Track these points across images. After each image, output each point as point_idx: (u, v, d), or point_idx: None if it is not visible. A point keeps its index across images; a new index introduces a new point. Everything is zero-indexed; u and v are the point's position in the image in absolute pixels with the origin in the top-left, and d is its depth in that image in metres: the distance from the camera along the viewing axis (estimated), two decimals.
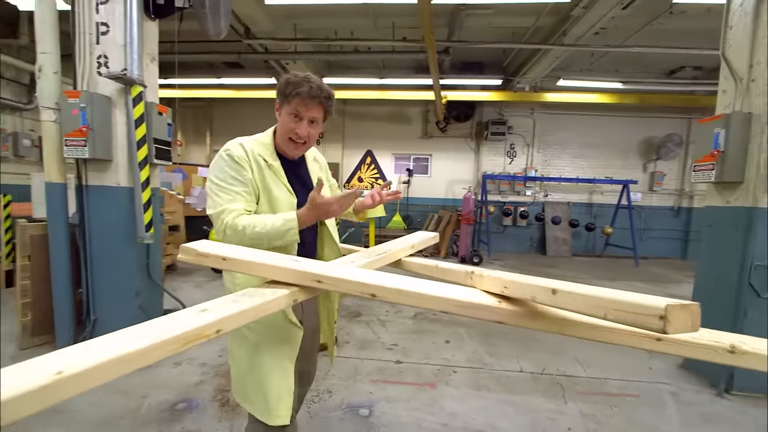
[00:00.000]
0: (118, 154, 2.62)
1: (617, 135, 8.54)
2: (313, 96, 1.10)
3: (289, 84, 1.11)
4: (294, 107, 1.11)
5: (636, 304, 0.47)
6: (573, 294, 0.56)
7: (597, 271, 6.54)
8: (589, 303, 0.53)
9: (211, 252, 0.81)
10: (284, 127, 1.15)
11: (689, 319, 0.46)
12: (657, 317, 0.44)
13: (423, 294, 0.70)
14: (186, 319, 0.61)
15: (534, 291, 0.63)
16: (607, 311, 0.50)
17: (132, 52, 2.52)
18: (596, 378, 2.55)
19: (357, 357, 2.74)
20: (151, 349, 0.54)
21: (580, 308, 0.55)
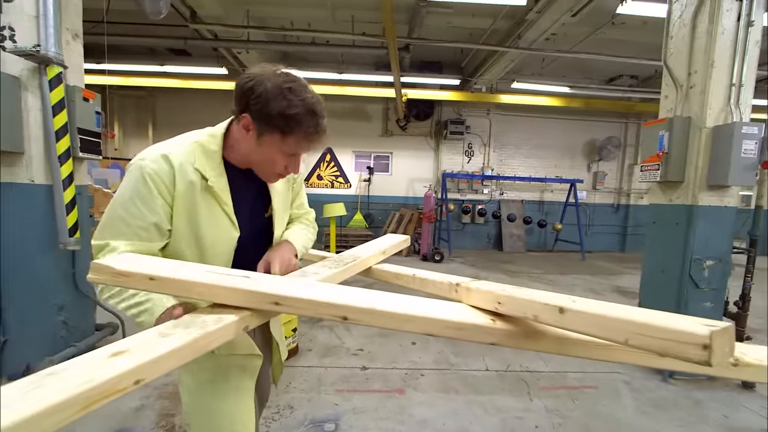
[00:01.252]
0: (32, 145, 2.23)
1: (565, 137, 9.07)
2: (319, 134, 0.85)
3: (289, 117, 0.78)
4: (292, 147, 0.83)
5: (669, 330, 0.39)
6: (585, 314, 0.47)
7: (549, 266, 6.89)
8: (606, 326, 0.45)
9: (134, 271, 0.63)
10: (269, 161, 0.85)
11: (728, 344, 0.39)
12: (700, 346, 0.37)
13: (403, 314, 0.58)
14: (90, 369, 0.45)
15: (536, 309, 0.54)
16: (630, 336, 0.42)
17: (47, 26, 2.14)
18: (557, 372, 2.62)
19: (320, 365, 2.58)
20: (21, 426, 0.37)
21: (592, 331, 0.47)
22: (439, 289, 0.76)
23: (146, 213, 0.78)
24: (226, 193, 0.87)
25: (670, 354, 0.39)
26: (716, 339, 0.37)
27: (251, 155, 0.86)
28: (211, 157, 0.85)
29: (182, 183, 0.81)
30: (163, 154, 0.81)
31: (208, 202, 0.85)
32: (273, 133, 0.81)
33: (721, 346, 0.37)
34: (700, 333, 0.37)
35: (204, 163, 0.84)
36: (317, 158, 8.81)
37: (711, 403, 2.26)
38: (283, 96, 0.78)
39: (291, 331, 2.67)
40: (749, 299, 2.52)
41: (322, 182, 8.91)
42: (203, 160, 0.84)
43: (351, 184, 8.94)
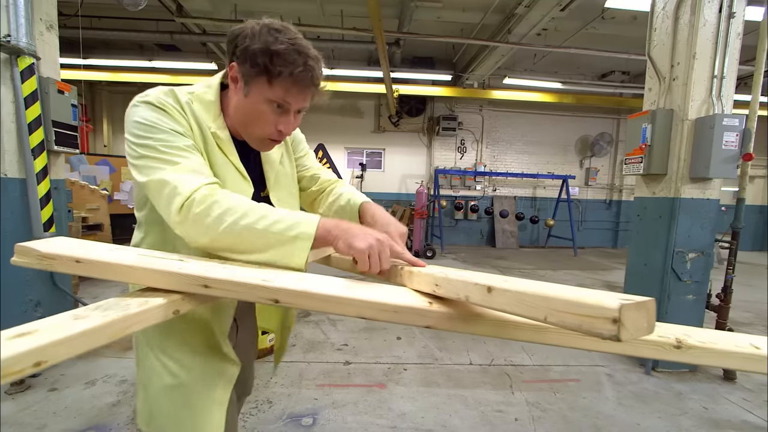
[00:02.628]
0: (3, 138, 2.17)
1: (557, 132, 9.09)
2: (314, 82, 0.73)
3: (274, 53, 0.67)
4: (280, 94, 0.71)
5: (582, 304, 0.37)
6: (509, 292, 0.45)
7: (541, 262, 6.91)
8: (525, 303, 0.43)
9: (59, 253, 0.60)
10: (256, 117, 0.74)
11: (644, 319, 0.37)
12: (609, 320, 0.35)
13: (336, 297, 0.56)
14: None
15: (468, 289, 0.52)
16: (548, 313, 0.40)
17: (17, 15, 2.09)
18: (541, 365, 2.62)
19: (303, 360, 2.56)
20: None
21: (516, 309, 0.44)
22: (385, 274, 0.74)
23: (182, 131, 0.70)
24: (231, 146, 0.78)
25: (584, 330, 0.37)
26: (626, 313, 0.35)
27: (240, 114, 0.76)
28: (208, 107, 0.77)
29: (192, 119, 0.74)
30: (168, 89, 0.74)
31: (214, 151, 0.76)
32: (259, 77, 0.70)
33: (634, 320, 0.35)
34: (610, 306, 0.35)
35: (204, 112, 0.77)
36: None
37: (692, 395, 2.27)
38: (269, 33, 0.69)
39: None
40: (731, 291, 2.52)
41: None
42: (202, 109, 0.77)
43: (343, 180, 8.89)
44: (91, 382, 2.22)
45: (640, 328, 0.36)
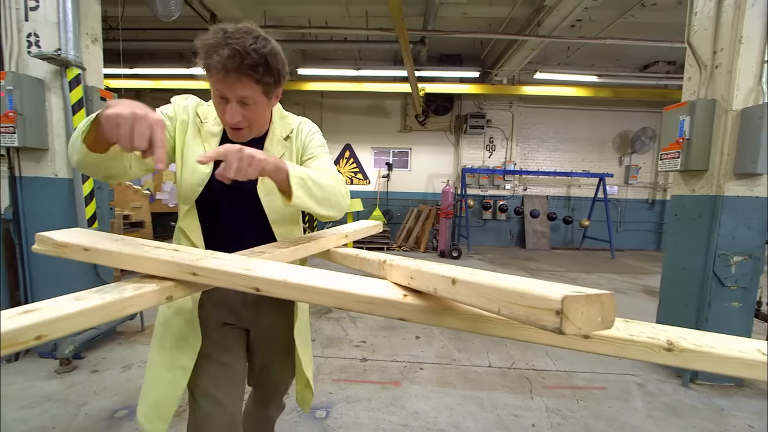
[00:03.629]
0: (55, 142, 2.41)
1: (594, 129, 8.63)
2: (228, 69, 0.74)
3: (202, 49, 0.76)
4: (215, 85, 0.79)
5: (528, 295, 0.36)
6: (469, 284, 0.45)
7: (574, 264, 6.59)
8: (482, 295, 0.42)
9: (70, 242, 0.67)
10: (216, 108, 0.86)
11: (597, 313, 0.35)
12: (552, 312, 0.34)
13: (313, 287, 0.58)
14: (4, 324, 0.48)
15: (436, 282, 0.52)
16: (501, 305, 0.39)
17: (66, 31, 2.30)
18: (564, 371, 2.50)
19: (321, 355, 2.62)
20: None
21: (475, 302, 0.44)
22: (371, 267, 0.74)
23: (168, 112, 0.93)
24: (214, 138, 0.93)
25: (531, 322, 0.36)
26: (571, 305, 0.33)
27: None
28: (213, 110, 0.93)
29: (185, 115, 0.93)
30: (186, 96, 0.98)
31: (196, 135, 0.93)
32: (206, 72, 0.79)
33: (583, 314, 0.34)
34: (552, 297, 0.34)
35: (207, 112, 0.94)
36: (337, 154, 8.91)
37: (736, 412, 2.08)
38: (215, 32, 0.76)
39: None
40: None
41: None
42: (209, 110, 0.95)
43: (370, 180, 8.97)
44: (127, 366, 2.40)
45: (592, 322, 0.35)
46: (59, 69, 2.36)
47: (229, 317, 1.01)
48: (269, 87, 0.82)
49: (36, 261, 2.47)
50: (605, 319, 0.36)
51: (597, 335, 0.53)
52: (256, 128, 0.92)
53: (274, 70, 0.80)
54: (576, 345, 0.52)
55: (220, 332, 0.99)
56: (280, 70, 0.82)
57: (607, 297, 0.36)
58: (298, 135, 1.02)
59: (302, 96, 8.45)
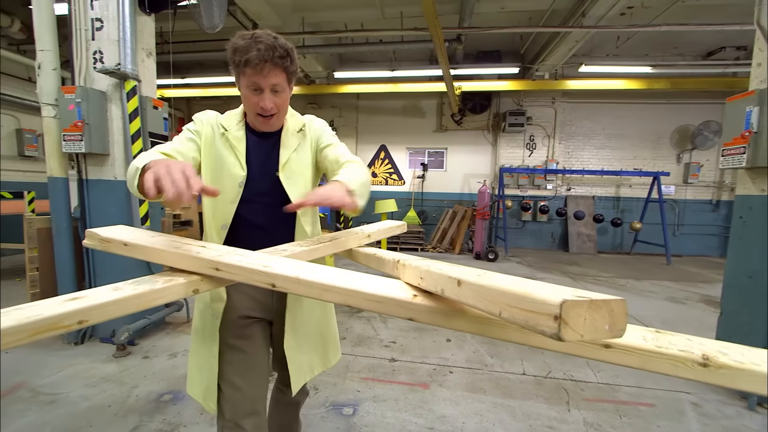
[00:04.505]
0: (115, 148, 2.66)
1: (647, 124, 7.97)
2: (265, 60, 0.90)
3: (236, 51, 0.92)
4: (249, 79, 0.94)
5: (528, 299, 0.34)
6: (474, 286, 0.43)
7: (623, 270, 6.14)
8: (485, 297, 0.41)
9: (113, 237, 0.74)
10: (247, 102, 1.00)
11: (604, 320, 0.32)
12: (550, 317, 0.32)
13: (323, 284, 0.59)
14: (44, 308, 0.54)
15: (443, 283, 0.51)
16: (502, 308, 0.38)
17: (125, 47, 2.53)
18: (607, 384, 2.34)
19: (351, 354, 2.66)
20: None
21: (479, 304, 0.42)
22: (386, 267, 0.74)
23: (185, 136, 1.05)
24: (240, 142, 1.06)
25: (530, 326, 0.34)
26: (571, 310, 0.31)
27: (244, 104, 1.03)
28: (234, 117, 1.09)
29: (210, 128, 1.06)
30: (206, 111, 1.11)
31: (225, 145, 1.05)
32: (236, 71, 0.95)
33: (586, 320, 0.32)
34: (551, 302, 0.32)
35: (228, 121, 1.08)
36: (372, 156, 9.00)
37: None
38: (240, 38, 0.93)
39: None
40: None
41: (376, 179, 9.08)
42: (228, 119, 1.08)
43: (405, 180, 8.96)
44: (173, 354, 2.59)
45: (598, 330, 0.32)
46: (119, 82, 2.60)
47: (255, 308, 1.09)
48: (292, 76, 1.00)
49: (98, 254, 2.74)
50: (614, 328, 0.33)
51: (618, 345, 0.49)
52: (281, 117, 1.06)
53: (294, 61, 0.98)
54: (594, 354, 0.49)
55: (243, 323, 1.07)
56: (297, 63, 1.00)
57: (616, 303, 0.33)
58: (311, 127, 1.16)
59: (338, 99, 8.64)
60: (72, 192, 2.69)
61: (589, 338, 0.32)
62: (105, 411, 1.93)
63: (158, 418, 1.87)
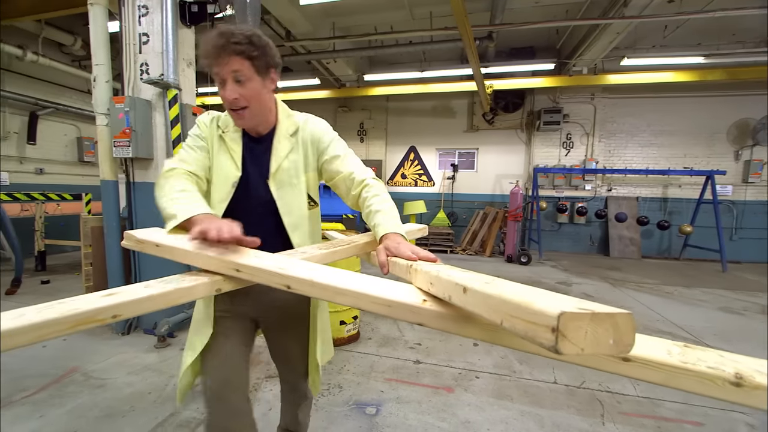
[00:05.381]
0: (158, 152, 2.85)
1: (700, 118, 7.36)
2: (222, 46, 0.89)
3: (202, 42, 0.93)
4: (213, 71, 0.93)
5: (529, 309, 0.33)
6: (479, 294, 0.42)
7: (670, 276, 5.71)
8: (488, 306, 0.40)
9: (147, 239, 0.80)
10: (222, 100, 0.97)
11: (608, 334, 0.31)
12: (548, 329, 0.30)
13: (335, 287, 0.60)
14: (83, 302, 0.59)
15: (451, 289, 0.50)
16: (504, 317, 0.37)
17: (168, 58, 2.71)
18: (648, 398, 2.19)
19: (376, 354, 2.67)
20: (29, 329, 0.52)
21: (483, 312, 0.41)
22: (400, 271, 0.74)
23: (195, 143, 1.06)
24: (236, 144, 1.06)
25: (530, 338, 0.33)
26: (569, 323, 0.30)
27: None
28: (228, 119, 1.07)
29: (212, 130, 1.07)
30: (211, 112, 1.12)
31: (221, 146, 1.06)
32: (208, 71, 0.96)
33: (584, 333, 0.30)
34: (549, 313, 0.30)
35: (227, 121, 1.07)
36: (401, 158, 9.00)
37: None
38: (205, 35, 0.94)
39: (351, 318, 2.83)
40: None
41: (405, 181, 9.07)
42: (224, 118, 1.08)
43: (434, 182, 8.88)
44: None
45: (601, 344, 0.31)
46: (162, 91, 2.79)
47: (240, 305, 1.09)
48: (258, 62, 0.93)
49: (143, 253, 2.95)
50: (619, 342, 0.31)
51: (639, 359, 0.46)
52: (256, 111, 1.00)
53: (258, 46, 0.92)
54: (613, 368, 0.46)
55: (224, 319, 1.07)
56: (265, 48, 0.94)
57: (622, 317, 0.31)
58: (306, 130, 1.10)
59: (368, 101, 8.72)
60: (121, 194, 2.92)
61: (591, 352, 0.31)
62: (145, 397, 2.07)
63: (192, 407, 1.98)
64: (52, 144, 6.58)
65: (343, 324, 2.78)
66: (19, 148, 6.10)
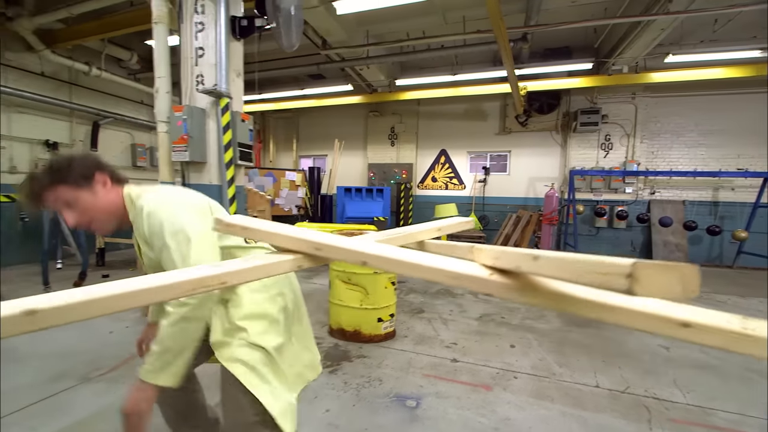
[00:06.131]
0: (211, 156, 3.09)
1: (755, 117, 6.87)
2: (36, 192, 0.99)
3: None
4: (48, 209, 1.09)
5: (603, 263, 0.39)
6: (551, 259, 0.49)
7: (723, 285, 5.34)
8: (563, 267, 0.46)
9: (235, 223, 0.91)
10: None
11: (676, 282, 0.36)
12: (623, 275, 0.36)
13: (408, 262, 0.68)
14: (196, 271, 0.71)
15: (520, 260, 0.56)
16: (579, 274, 0.43)
17: (221, 69, 2.94)
18: (699, 406, 2.09)
19: (413, 351, 2.73)
20: (157, 290, 0.64)
21: (556, 273, 0.47)
22: (460, 252, 0.81)
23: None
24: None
25: (606, 286, 0.39)
26: (642, 270, 0.35)
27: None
28: None
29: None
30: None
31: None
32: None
33: (654, 279, 0.36)
34: (624, 263, 0.36)
35: None
36: (432, 161, 9.03)
37: None
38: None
39: (389, 316, 2.91)
40: None
41: (436, 184, 9.09)
42: None
43: (465, 185, 8.83)
44: None
45: (671, 290, 0.36)
46: (215, 100, 3.02)
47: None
48: (70, 180, 1.00)
49: None
50: (687, 289, 0.37)
51: (698, 324, 0.50)
52: (103, 218, 1.06)
53: (60, 168, 0.99)
54: (672, 332, 0.51)
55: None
56: (71, 165, 1.01)
57: (688, 268, 0.37)
58: (137, 223, 1.05)
59: (399, 105, 8.84)
60: None
61: (661, 295, 0.36)
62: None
63: None
64: (110, 150, 7.20)
65: (380, 321, 2.86)
66: None
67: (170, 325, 0.95)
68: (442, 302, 4.03)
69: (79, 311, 0.56)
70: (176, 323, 0.95)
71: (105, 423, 1.80)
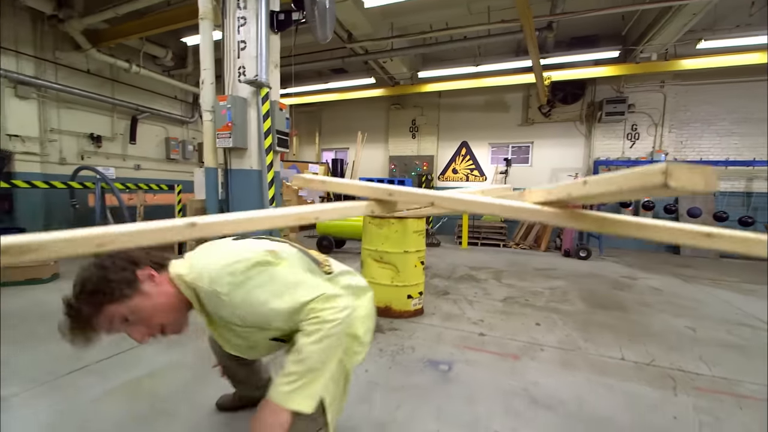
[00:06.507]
0: (251, 143, 3.30)
1: None
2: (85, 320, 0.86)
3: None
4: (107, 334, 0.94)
5: (641, 171, 0.53)
6: (599, 179, 0.62)
7: (753, 275, 5.23)
8: (610, 182, 0.59)
9: (314, 178, 1.08)
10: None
11: (700, 178, 0.49)
12: (660, 173, 0.50)
13: (471, 200, 0.83)
14: (295, 210, 0.88)
15: (569, 189, 0.70)
16: (622, 184, 0.56)
17: (261, 61, 3.14)
18: (724, 378, 2.16)
19: (441, 326, 2.87)
20: (273, 218, 0.81)
21: (601, 189, 0.61)
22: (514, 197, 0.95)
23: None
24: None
25: (647, 185, 0.52)
26: (675, 169, 0.49)
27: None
28: None
29: None
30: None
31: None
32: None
33: (686, 176, 0.49)
34: (659, 166, 0.50)
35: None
36: (453, 153, 9.09)
37: None
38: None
39: (417, 294, 3.06)
40: None
41: (457, 176, 9.15)
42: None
43: (486, 176, 8.85)
44: None
45: (696, 183, 0.50)
46: (256, 90, 3.23)
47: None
48: (115, 296, 0.87)
49: None
50: (708, 184, 0.50)
51: (720, 235, 0.63)
52: (170, 318, 0.96)
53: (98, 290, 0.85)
54: (697, 241, 0.64)
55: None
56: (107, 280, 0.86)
57: (708, 169, 0.50)
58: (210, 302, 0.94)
59: (420, 98, 8.93)
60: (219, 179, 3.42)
61: (691, 188, 0.49)
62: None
63: None
64: (147, 144, 7.62)
65: (410, 298, 3.02)
66: (123, 147, 7.16)
67: (314, 343, 0.86)
68: (466, 286, 4.16)
69: (230, 227, 0.74)
70: (321, 340, 0.87)
71: (174, 374, 2.04)
